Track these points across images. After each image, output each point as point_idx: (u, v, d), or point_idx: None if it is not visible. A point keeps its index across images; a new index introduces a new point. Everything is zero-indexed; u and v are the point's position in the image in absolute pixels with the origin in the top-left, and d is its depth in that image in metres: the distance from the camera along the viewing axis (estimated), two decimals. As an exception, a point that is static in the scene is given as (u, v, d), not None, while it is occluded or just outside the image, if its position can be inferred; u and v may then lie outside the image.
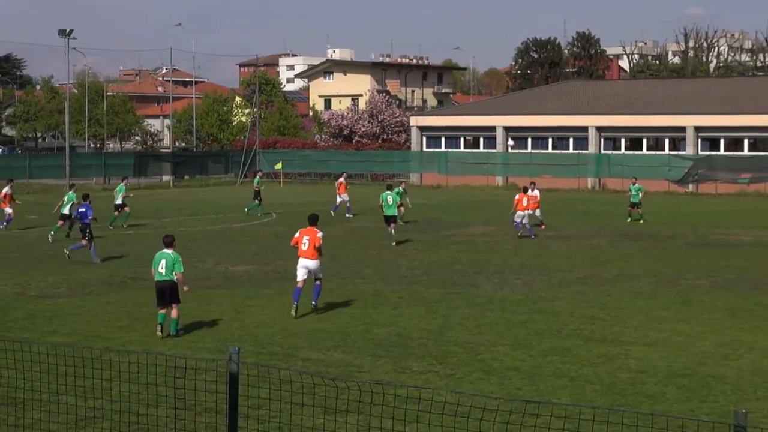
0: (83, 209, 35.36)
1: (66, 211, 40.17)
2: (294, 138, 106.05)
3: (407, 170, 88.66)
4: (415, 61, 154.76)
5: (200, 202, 62.44)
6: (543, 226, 45.40)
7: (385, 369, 18.83)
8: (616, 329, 22.66)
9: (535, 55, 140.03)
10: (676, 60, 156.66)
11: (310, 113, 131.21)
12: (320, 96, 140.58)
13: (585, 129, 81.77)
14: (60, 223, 40.32)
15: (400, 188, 47.54)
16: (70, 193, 41.40)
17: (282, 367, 17.49)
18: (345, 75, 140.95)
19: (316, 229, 24.67)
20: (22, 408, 15.50)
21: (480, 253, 36.78)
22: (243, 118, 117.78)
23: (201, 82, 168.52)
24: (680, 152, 77.87)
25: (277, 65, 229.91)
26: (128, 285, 29.13)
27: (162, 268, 21.95)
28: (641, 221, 49.42)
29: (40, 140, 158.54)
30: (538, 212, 45.62)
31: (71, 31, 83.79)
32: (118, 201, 46.08)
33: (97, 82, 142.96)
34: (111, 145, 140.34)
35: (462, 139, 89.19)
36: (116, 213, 46.13)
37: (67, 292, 27.90)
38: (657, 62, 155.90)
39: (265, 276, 30.85)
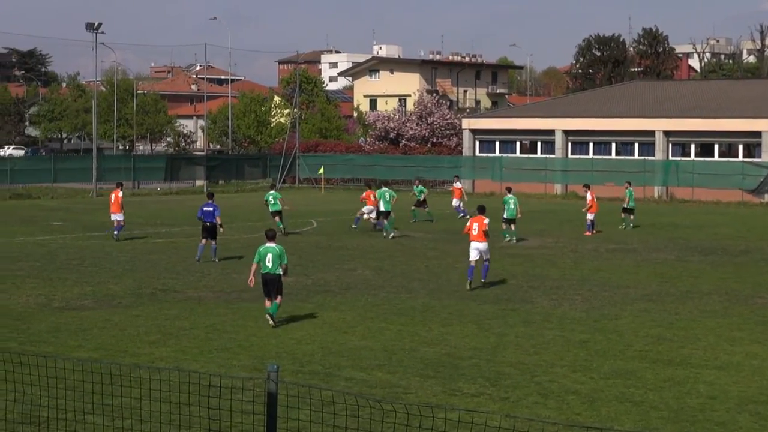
0: (210, 208, 37.64)
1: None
2: (337, 141, 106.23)
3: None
4: (467, 59, 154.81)
5: (235, 209, 62.65)
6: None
7: (434, 391, 18.83)
8: (684, 351, 22.53)
9: (598, 53, 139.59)
10: (751, 59, 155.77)
11: (354, 114, 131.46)
12: (365, 96, 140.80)
13: (651, 133, 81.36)
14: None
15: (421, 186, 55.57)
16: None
17: (323, 387, 17.53)
18: (392, 73, 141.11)
19: (483, 217, 31.38)
20: (45, 427, 15.64)
21: (537, 267, 36.70)
22: (282, 119, 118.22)
23: (237, 80, 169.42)
24: (755, 159, 77.30)
25: (320, 62, 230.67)
26: (158, 297, 29.29)
27: (269, 261, 24.85)
28: (630, 227, 51.53)
29: (65, 141, 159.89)
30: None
31: (99, 24, 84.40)
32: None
33: (126, 79, 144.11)
34: (141, 147, 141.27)
35: (518, 144, 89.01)
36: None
37: (94, 304, 28.11)
38: (730, 61, 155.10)
39: (305, 289, 30.93)
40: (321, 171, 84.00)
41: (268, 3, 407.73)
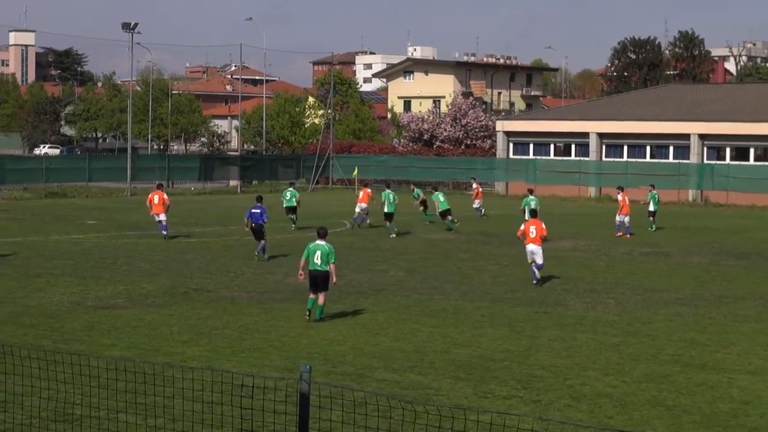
0: (257, 210, 38.74)
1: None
2: (370, 142, 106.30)
3: (492, 178, 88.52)
4: (502, 61, 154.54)
5: (269, 209, 62.63)
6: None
7: (465, 393, 18.81)
8: (717, 355, 22.43)
9: (633, 56, 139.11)
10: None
11: (389, 116, 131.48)
12: (399, 97, 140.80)
13: (687, 137, 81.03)
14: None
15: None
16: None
17: (355, 388, 17.53)
18: (426, 75, 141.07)
19: (539, 220, 33.45)
20: (78, 425, 15.72)
21: (570, 270, 36.59)
22: (316, 120, 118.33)
23: (272, 80, 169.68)
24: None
25: (354, 64, 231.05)
26: (191, 296, 29.39)
27: (318, 259, 25.35)
28: (654, 229, 51.88)
29: (100, 140, 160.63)
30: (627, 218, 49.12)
31: (136, 24, 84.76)
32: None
33: (161, 79, 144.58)
34: (175, 147, 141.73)
35: (552, 146, 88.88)
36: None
37: (127, 302, 28.22)
38: (766, 64, 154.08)
39: (337, 290, 30.82)
40: (355, 172, 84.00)
41: (304, 4, 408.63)
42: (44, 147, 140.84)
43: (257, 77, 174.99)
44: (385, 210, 48.63)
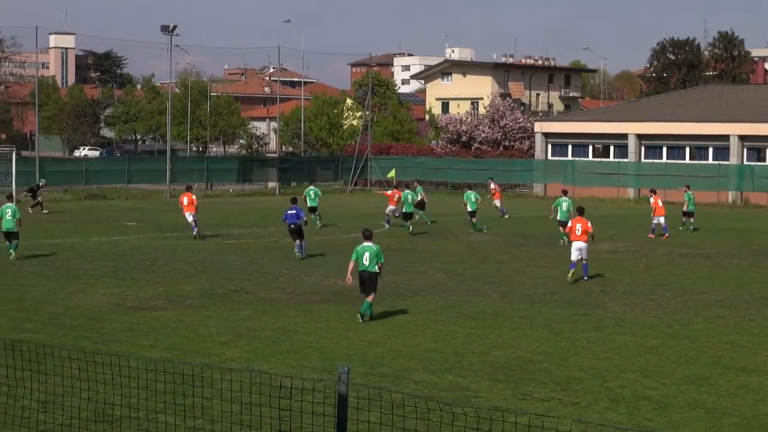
0: (293, 211, 39.53)
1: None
2: (408, 144, 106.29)
3: (530, 180, 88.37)
4: (540, 62, 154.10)
5: (307, 211, 62.85)
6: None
7: (504, 395, 18.77)
8: (759, 357, 22.28)
9: (672, 57, 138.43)
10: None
11: (427, 117, 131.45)
12: (437, 99, 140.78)
13: (726, 138, 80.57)
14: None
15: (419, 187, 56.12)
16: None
17: (393, 390, 17.54)
18: (464, 76, 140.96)
19: (585, 218, 34.19)
20: (118, 426, 15.80)
21: (609, 271, 36.45)
22: (354, 122, 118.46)
23: (310, 82, 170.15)
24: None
25: (392, 65, 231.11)
26: (230, 297, 29.47)
27: (366, 260, 26.05)
28: (691, 230, 52.22)
29: (139, 142, 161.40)
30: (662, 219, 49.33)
31: (174, 27, 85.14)
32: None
33: (200, 81, 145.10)
34: (214, 149, 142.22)
35: (590, 148, 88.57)
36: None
37: (166, 304, 28.33)
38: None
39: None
40: (392, 173, 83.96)
41: (342, 6, 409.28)
42: (84, 149, 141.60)
43: (295, 79, 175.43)
44: (404, 210, 49.95)
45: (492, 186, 62.52)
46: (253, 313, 26.91)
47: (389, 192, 55.07)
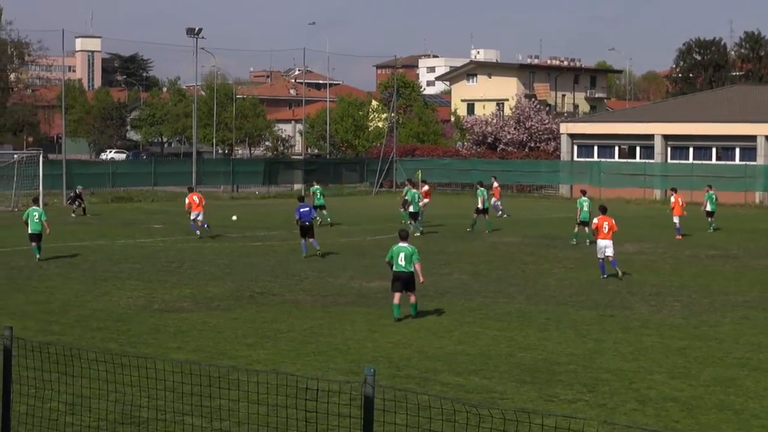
0: (306, 209, 40.42)
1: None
2: (434, 145, 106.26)
3: (556, 181, 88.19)
4: (565, 63, 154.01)
5: (333, 213, 62.94)
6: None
7: (530, 396, 18.73)
8: (786, 359, 22.17)
9: (698, 57, 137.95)
10: None
11: (452, 119, 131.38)
12: (462, 100, 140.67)
13: (753, 138, 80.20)
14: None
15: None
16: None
17: (419, 392, 17.53)
18: (489, 78, 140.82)
19: (609, 216, 35.12)
20: (145, 428, 15.85)
21: (635, 272, 36.33)
22: (380, 124, 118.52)
23: (335, 84, 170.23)
24: None
25: (417, 67, 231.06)
26: (256, 299, 29.52)
27: (402, 260, 26.20)
28: (712, 230, 51.86)
29: (165, 145, 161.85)
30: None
31: (200, 30, 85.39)
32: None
33: (226, 84, 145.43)
34: (240, 151, 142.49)
35: (616, 149, 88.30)
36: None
37: (193, 306, 28.40)
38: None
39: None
40: (418, 175, 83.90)
41: (367, 8, 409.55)
42: (111, 152, 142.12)
43: (321, 81, 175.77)
44: (410, 209, 49.83)
45: (495, 185, 62.52)
46: (279, 315, 26.95)
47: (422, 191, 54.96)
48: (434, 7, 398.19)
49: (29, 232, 38.26)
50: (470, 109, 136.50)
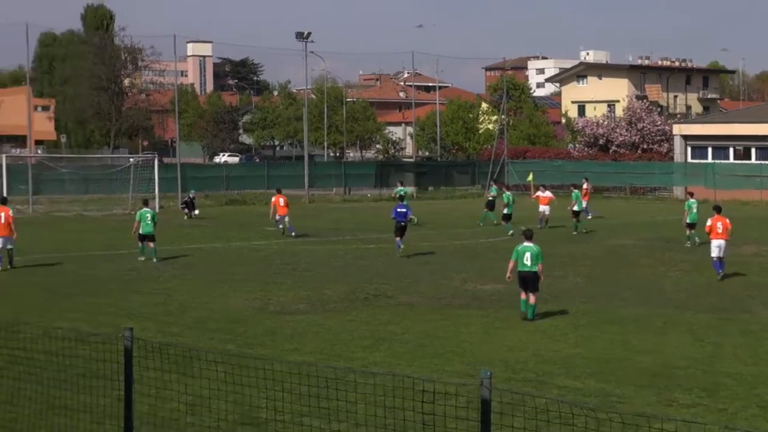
0: (402, 209, 41.57)
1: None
2: (545, 147, 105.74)
3: (669, 183, 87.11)
4: (677, 64, 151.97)
5: (444, 215, 62.93)
6: None
7: (648, 400, 18.53)
8: None
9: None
10: None
11: (562, 120, 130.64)
12: (573, 102, 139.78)
13: None
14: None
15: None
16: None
17: (536, 395, 17.42)
18: (600, 79, 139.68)
19: (723, 216, 34.99)
20: (264, 429, 15.99)
21: (754, 275, 35.74)
22: (490, 126, 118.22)
23: (444, 86, 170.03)
24: None
25: (526, 69, 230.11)
26: (371, 302, 29.60)
27: (527, 260, 26.54)
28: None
29: (277, 148, 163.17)
30: None
31: (309, 34, 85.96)
32: None
33: (336, 87, 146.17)
34: (351, 154, 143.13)
35: (731, 150, 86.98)
36: None
37: (308, 308, 28.57)
38: None
39: (516, 295, 30.64)
40: (530, 178, 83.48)
41: (476, 10, 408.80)
42: (224, 155, 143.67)
43: (430, 83, 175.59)
44: (504, 211, 51.06)
45: (585, 186, 61.64)
46: (394, 317, 26.99)
47: (541, 195, 54.80)
48: (543, 8, 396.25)
49: (140, 232, 39.40)
50: (581, 110, 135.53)
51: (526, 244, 27.00)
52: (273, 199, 50.73)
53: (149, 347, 15.82)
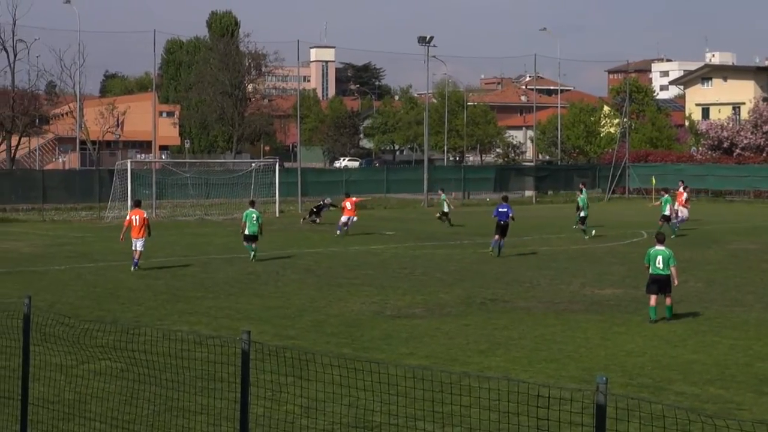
0: (504, 209, 42.78)
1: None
2: (667, 151, 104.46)
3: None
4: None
5: (564, 219, 62.46)
6: None
7: (769, 407, 18.22)
8: None
9: None
10: None
11: (686, 123, 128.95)
12: (697, 104, 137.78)
13: None
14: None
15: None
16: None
17: (653, 401, 17.25)
18: (725, 81, 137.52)
19: None
20: (378, 432, 16.04)
21: None
22: (612, 129, 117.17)
23: (566, 90, 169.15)
24: None
25: (650, 71, 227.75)
26: (487, 306, 29.52)
27: (659, 263, 26.87)
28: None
29: (397, 153, 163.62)
30: None
31: (431, 38, 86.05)
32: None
33: (457, 91, 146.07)
34: (471, 158, 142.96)
35: None
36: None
37: (425, 312, 28.60)
38: None
39: (634, 301, 30.51)
40: (654, 181, 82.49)
41: (598, 12, 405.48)
42: (344, 160, 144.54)
43: (551, 87, 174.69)
44: (581, 214, 50.68)
45: (680, 189, 60.45)
46: (510, 322, 26.90)
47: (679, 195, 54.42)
48: (668, 10, 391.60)
49: (245, 233, 40.53)
50: (705, 113, 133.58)
51: (657, 247, 27.32)
52: (343, 203, 53.75)
53: (266, 350, 16.00)
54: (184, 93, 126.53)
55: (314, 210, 61.17)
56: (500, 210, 42.86)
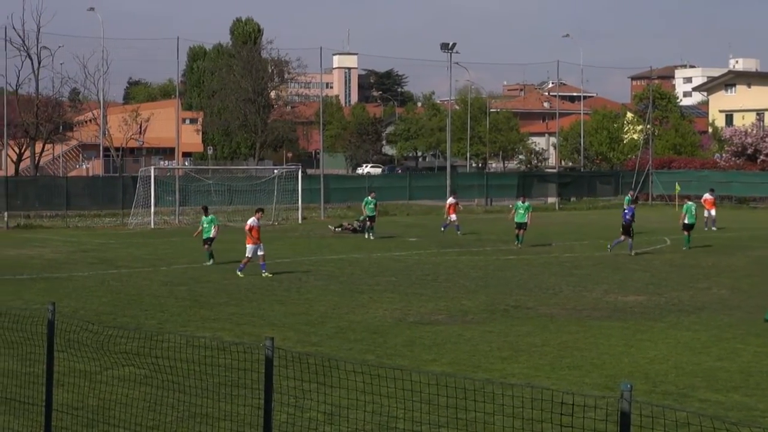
0: (627, 210, 45.50)
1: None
2: (691, 157, 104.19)
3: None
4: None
5: (587, 226, 62.39)
6: None
7: (794, 416, 18.12)
8: None
9: None
10: None
11: (710, 130, 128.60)
12: (721, 111, 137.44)
13: None
14: None
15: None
16: None
17: (677, 408, 17.20)
18: (749, 87, 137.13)
19: None
20: (401, 439, 16.02)
21: None
22: (635, 136, 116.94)
23: (589, 96, 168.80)
24: None
25: (673, 77, 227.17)
26: (510, 313, 29.47)
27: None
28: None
29: (420, 159, 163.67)
30: None
31: (454, 45, 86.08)
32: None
33: (479, 97, 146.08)
34: (493, 165, 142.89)
35: None
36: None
37: (447, 319, 28.57)
38: None
39: (658, 307, 30.41)
40: (678, 188, 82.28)
41: (621, 19, 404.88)
42: (366, 166, 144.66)
43: (574, 94, 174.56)
44: (686, 221, 48.98)
45: (706, 196, 60.22)
46: (533, 328, 26.84)
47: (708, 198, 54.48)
48: (691, 16, 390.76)
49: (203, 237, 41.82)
50: (728, 119, 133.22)
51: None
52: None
53: (289, 357, 16.00)
54: (207, 100, 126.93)
55: (357, 227, 60.01)
56: (625, 211, 45.97)
